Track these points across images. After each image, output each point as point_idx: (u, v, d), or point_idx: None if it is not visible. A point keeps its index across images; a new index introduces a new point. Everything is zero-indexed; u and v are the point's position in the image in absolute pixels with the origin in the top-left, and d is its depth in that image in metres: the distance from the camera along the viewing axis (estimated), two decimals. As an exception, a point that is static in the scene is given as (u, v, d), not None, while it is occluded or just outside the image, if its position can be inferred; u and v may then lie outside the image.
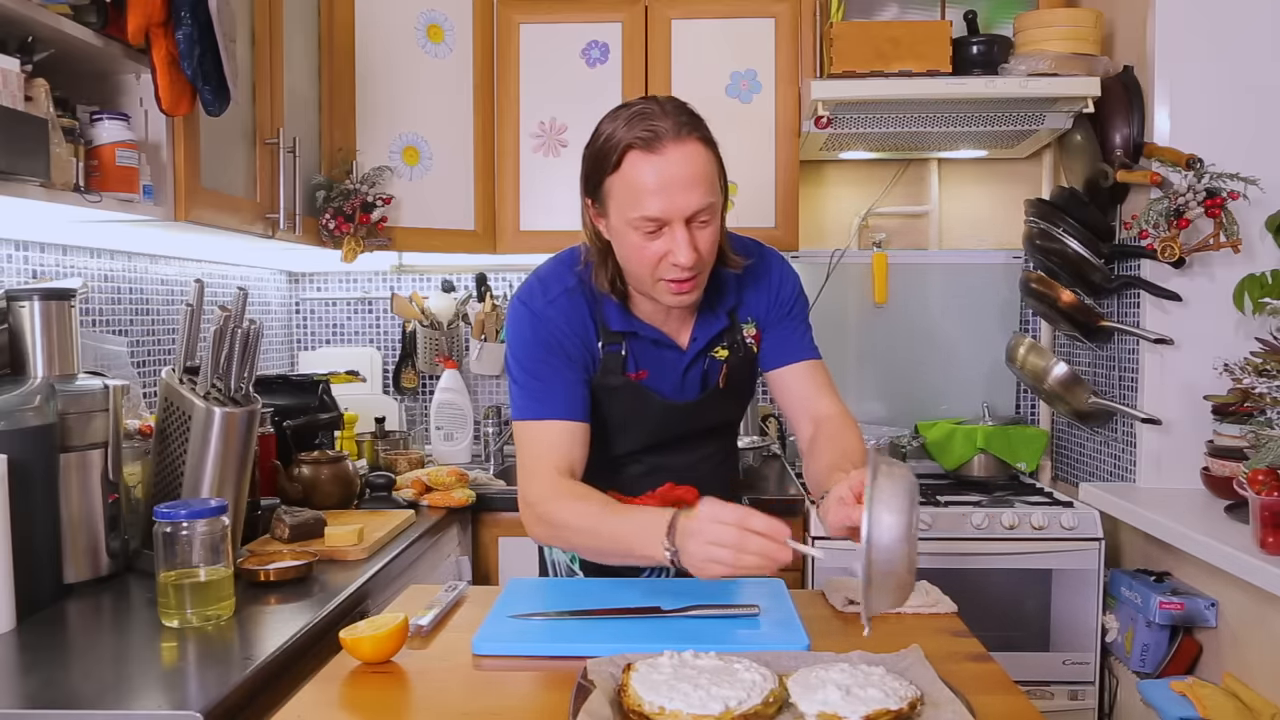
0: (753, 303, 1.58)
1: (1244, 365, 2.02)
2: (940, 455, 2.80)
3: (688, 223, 1.36)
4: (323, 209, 2.41)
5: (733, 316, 1.56)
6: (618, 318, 1.50)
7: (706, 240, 1.38)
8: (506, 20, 2.76)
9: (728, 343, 1.56)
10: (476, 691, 1.14)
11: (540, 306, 1.49)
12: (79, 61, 1.61)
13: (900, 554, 1.08)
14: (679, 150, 1.33)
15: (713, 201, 1.37)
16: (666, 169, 1.33)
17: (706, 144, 1.38)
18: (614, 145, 1.37)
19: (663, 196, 1.33)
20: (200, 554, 1.42)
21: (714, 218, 1.38)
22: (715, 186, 1.38)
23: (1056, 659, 2.38)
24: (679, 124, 1.35)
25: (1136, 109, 2.35)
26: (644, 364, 1.53)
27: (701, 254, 1.38)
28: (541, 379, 1.47)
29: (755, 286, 1.57)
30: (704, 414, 1.58)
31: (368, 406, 2.90)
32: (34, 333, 1.54)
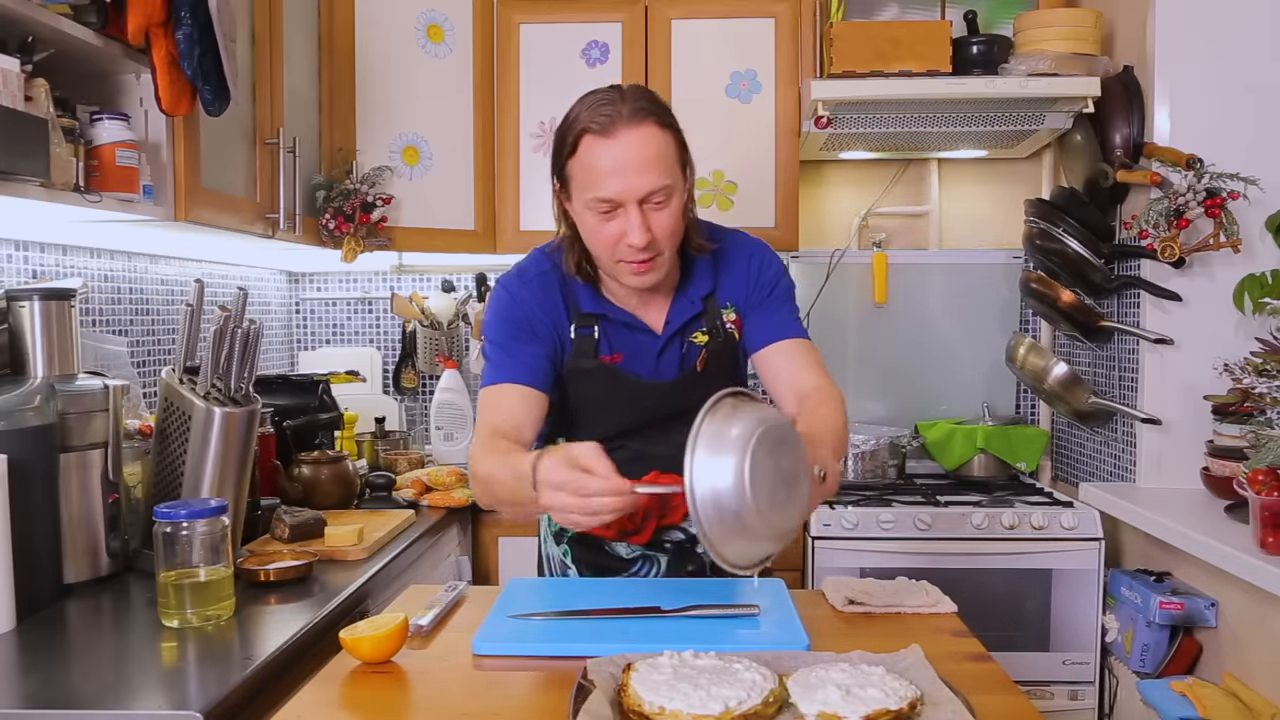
0: (731, 288, 1.58)
1: (1244, 365, 2.02)
2: (940, 455, 2.80)
3: (642, 204, 1.39)
4: (323, 209, 2.41)
5: (709, 302, 1.57)
6: (589, 300, 1.53)
7: (662, 222, 1.41)
8: (506, 20, 2.76)
9: (706, 328, 1.56)
10: (476, 691, 1.14)
11: (515, 288, 1.54)
12: (79, 61, 1.61)
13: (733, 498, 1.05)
14: (633, 134, 1.37)
15: (667, 184, 1.39)
16: (620, 152, 1.37)
17: (664, 128, 1.41)
18: (572, 129, 1.41)
19: (616, 178, 1.37)
20: (200, 554, 1.42)
21: (670, 200, 1.41)
22: (671, 170, 1.40)
23: (1056, 659, 2.38)
24: (636, 109, 1.38)
25: (1136, 109, 2.35)
26: (618, 347, 1.55)
27: (656, 235, 1.40)
28: (508, 352, 1.51)
29: (733, 272, 1.58)
30: (684, 397, 1.54)
31: (368, 406, 2.90)
32: (34, 333, 1.54)
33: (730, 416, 1.10)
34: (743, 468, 1.05)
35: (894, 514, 2.39)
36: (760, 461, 1.07)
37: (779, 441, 1.10)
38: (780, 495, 1.09)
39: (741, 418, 1.09)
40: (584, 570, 1.65)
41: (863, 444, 2.68)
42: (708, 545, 1.09)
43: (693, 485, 1.07)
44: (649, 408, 1.56)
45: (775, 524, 1.09)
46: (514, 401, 1.48)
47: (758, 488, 1.06)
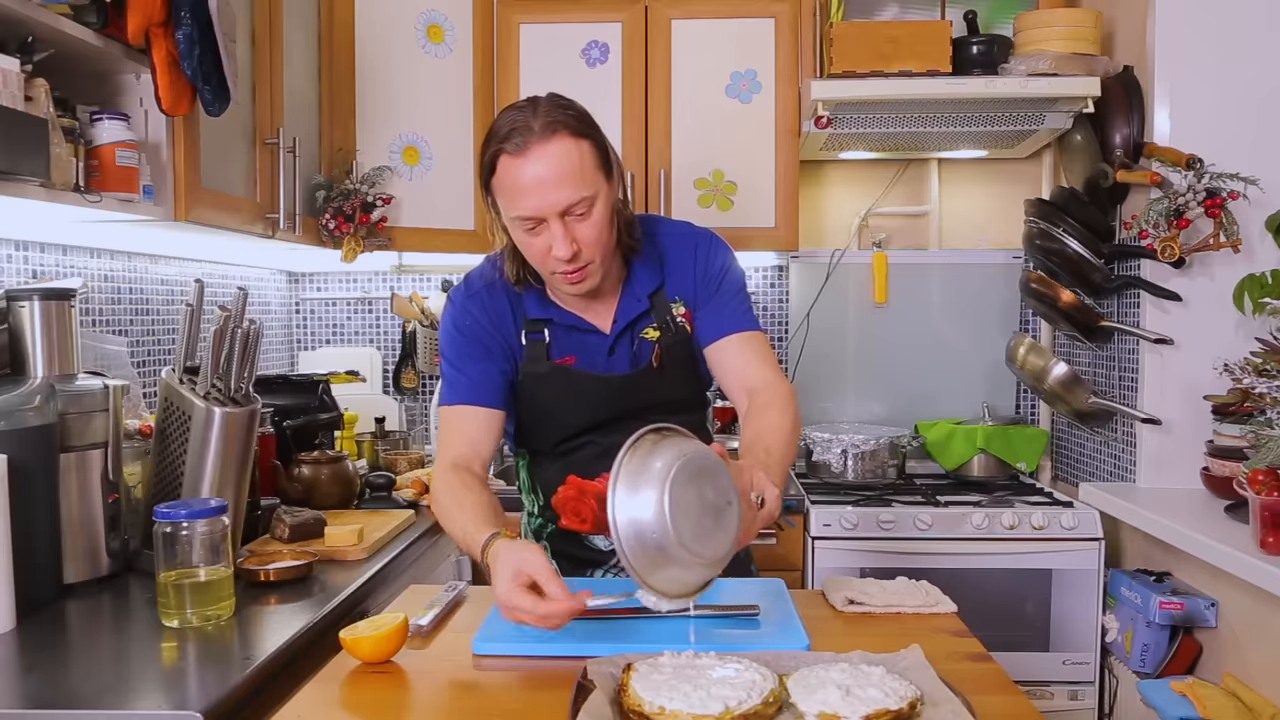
0: (678, 282, 1.59)
1: (1244, 365, 2.02)
2: (940, 455, 2.80)
3: (564, 216, 1.40)
4: (323, 209, 2.41)
5: (656, 298, 1.57)
6: (536, 306, 1.56)
7: (585, 233, 1.42)
8: (506, 20, 2.76)
9: (657, 323, 1.57)
10: (476, 691, 1.14)
11: (461, 300, 1.57)
12: (79, 61, 1.61)
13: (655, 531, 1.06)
14: (546, 148, 1.38)
15: (586, 195, 1.40)
16: (533, 169, 1.38)
17: (579, 137, 1.40)
18: (488, 149, 1.43)
19: (534, 196, 1.38)
20: (200, 554, 1.42)
21: (591, 210, 1.41)
22: (590, 179, 1.41)
23: (1056, 659, 2.38)
24: (546, 123, 1.39)
25: (1136, 109, 2.35)
26: (568, 350, 1.57)
27: (581, 246, 1.42)
28: (458, 368, 1.54)
29: (678, 265, 1.59)
30: (641, 390, 1.57)
31: (368, 406, 2.90)
32: (34, 333, 1.54)
33: (650, 452, 1.11)
34: (662, 500, 1.06)
35: (894, 514, 2.39)
36: (681, 493, 1.08)
37: (700, 471, 1.11)
38: (706, 524, 1.10)
39: (662, 451, 1.11)
40: (564, 565, 1.64)
41: (863, 444, 2.68)
42: (635, 578, 1.09)
43: (615, 520, 1.08)
44: (608, 403, 1.56)
45: (702, 553, 1.10)
46: (470, 423, 1.52)
47: (679, 519, 1.07)
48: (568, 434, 1.60)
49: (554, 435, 1.61)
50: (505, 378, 1.55)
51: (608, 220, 1.45)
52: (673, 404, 1.59)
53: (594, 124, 1.45)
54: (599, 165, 1.43)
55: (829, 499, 2.52)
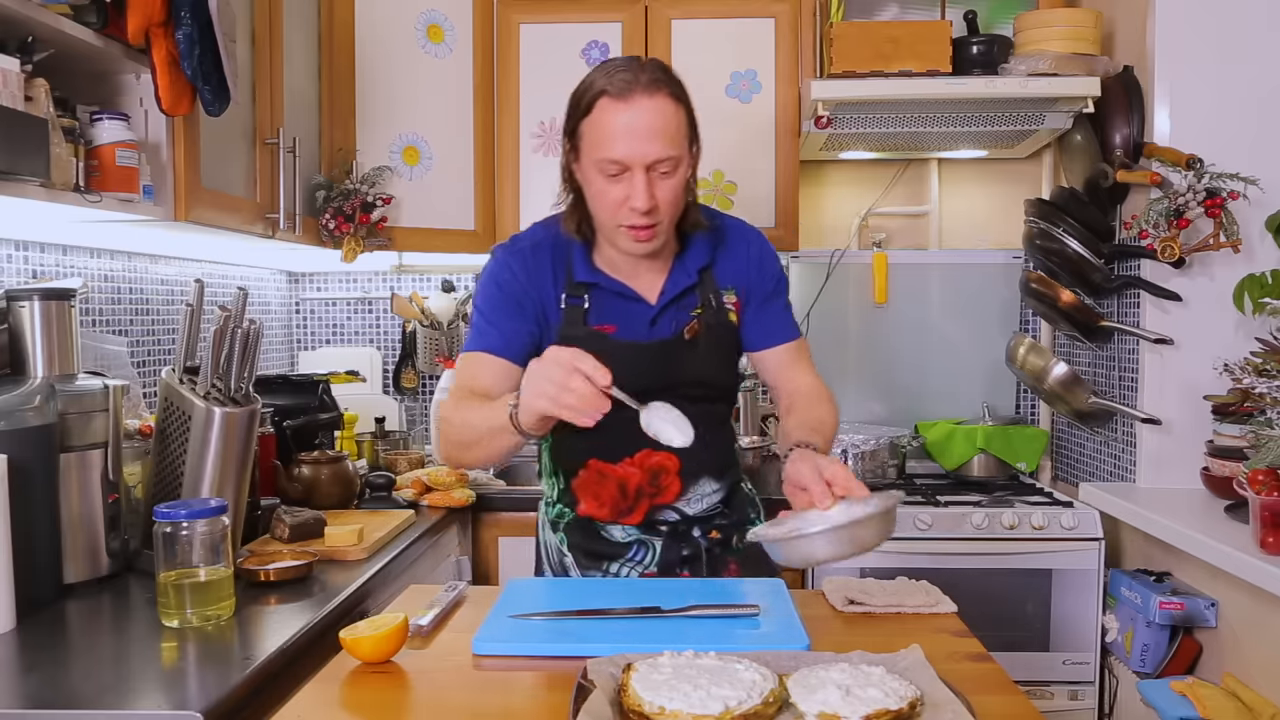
0: (731, 272, 1.63)
1: (1244, 365, 2.02)
2: (940, 455, 2.80)
3: (648, 170, 1.43)
4: (323, 209, 2.41)
5: (705, 275, 1.60)
6: (583, 269, 1.57)
7: (666, 191, 1.45)
8: (506, 20, 2.76)
9: (700, 301, 1.60)
10: (476, 691, 1.14)
11: (503, 256, 1.59)
12: (79, 61, 1.61)
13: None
14: (647, 101, 1.42)
15: (675, 155, 1.44)
16: (633, 116, 1.41)
17: (677, 101, 1.46)
18: (589, 91, 1.45)
19: (626, 141, 1.41)
20: (200, 554, 1.42)
21: (675, 171, 1.45)
22: (679, 142, 1.45)
23: (1056, 659, 2.38)
24: (653, 79, 1.44)
25: (1136, 109, 2.35)
26: (609, 317, 1.57)
27: (659, 202, 1.44)
28: (489, 320, 1.57)
29: (733, 256, 1.63)
30: (672, 361, 1.57)
31: (368, 406, 2.90)
32: (34, 333, 1.54)
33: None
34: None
35: (894, 514, 2.39)
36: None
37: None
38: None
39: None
40: (580, 557, 1.65)
41: (863, 444, 2.68)
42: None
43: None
44: (639, 371, 1.52)
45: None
46: (491, 370, 1.53)
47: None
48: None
49: None
50: (532, 339, 1.56)
51: (684, 187, 1.49)
52: (703, 384, 1.60)
53: (688, 96, 1.50)
54: (687, 134, 1.48)
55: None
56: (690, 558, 1.65)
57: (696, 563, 1.66)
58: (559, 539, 1.68)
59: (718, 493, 1.68)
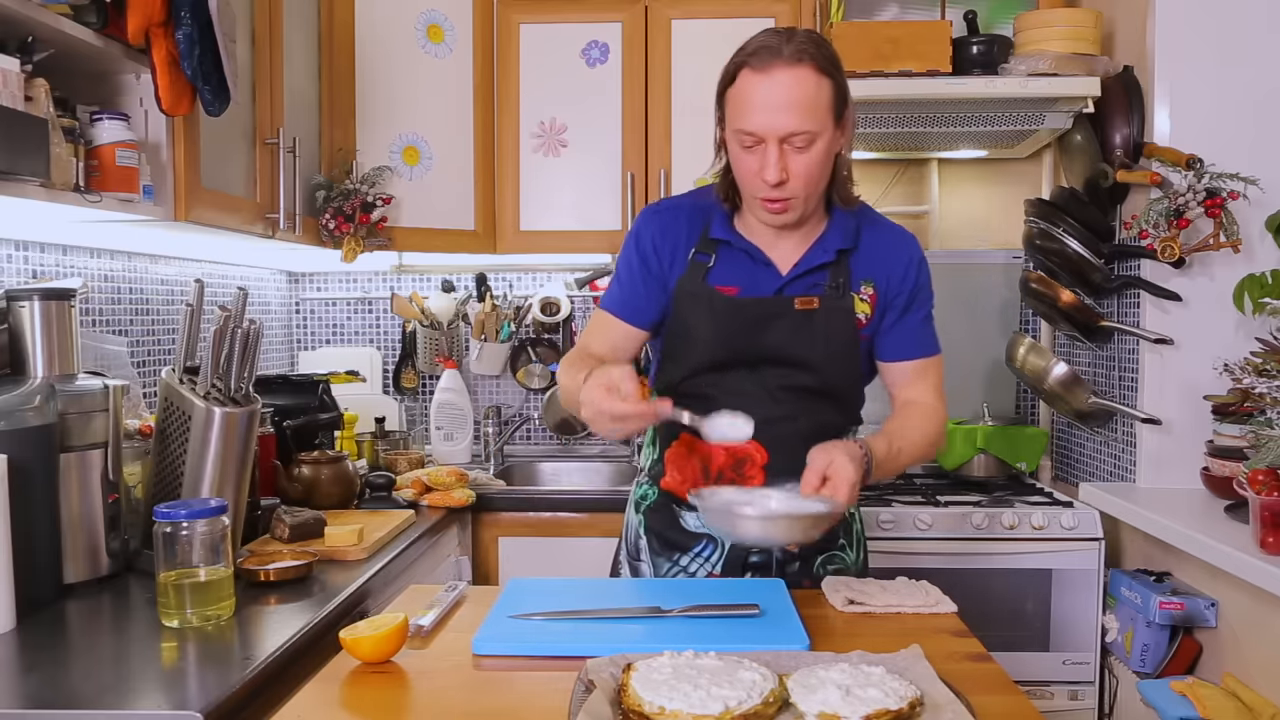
0: (875, 263, 1.58)
1: (1244, 365, 2.02)
2: (940, 455, 2.80)
3: (783, 143, 1.41)
4: (323, 209, 2.41)
5: (842, 258, 1.56)
6: (720, 228, 1.57)
7: (799, 165, 1.43)
8: (506, 20, 2.76)
9: (830, 281, 1.55)
10: (476, 691, 1.14)
11: (648, 215, 1.61)
12: (79, 61, 1.61)
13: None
14: (787, 73, 1.40)
15: (810, 129, 1.41)
16: (770, 88, 1.40)
17: (821, 73, 1.42)
18: (734, 61, 1.46)
19: (762, 113, 1.41)
20: (200, 554, 1.42)
21: (811, 145, 1.42)
22: (819, 116, 1.42)
23: (1056, 659, 2.38)
24: (797, 50, 1.41)
25: (1136, 109, 2.35)
26: (735, 279, 1.56)
27: (791, 176, 1.43)
28: (618, 279, 1.62)
29: (881, 249, 1.59)
30: (778, 332, 1.54)
31: (368, 406, 2.90)
32: (34, 333, 1.54)
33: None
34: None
35: (894, 514, 2.39)
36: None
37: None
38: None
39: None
40: (653, 541, 1.65)
41: (863, 444, 2.68)
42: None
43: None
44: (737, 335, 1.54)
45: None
46: (606, 331, 1.61)
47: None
48: (693, 369, 1.58)
49: (682, 368, 1.60)
50: (657, 302, 1.59)
51: (823, 161, 1.46)
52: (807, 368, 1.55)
53: (840, 69, 1.46)
54: (831, 107, 1.44)
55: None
56: (759, 565, 1.60)
57: (764, 572, 1.60)
58: (639, 520, 1.68)
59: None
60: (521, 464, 3.05)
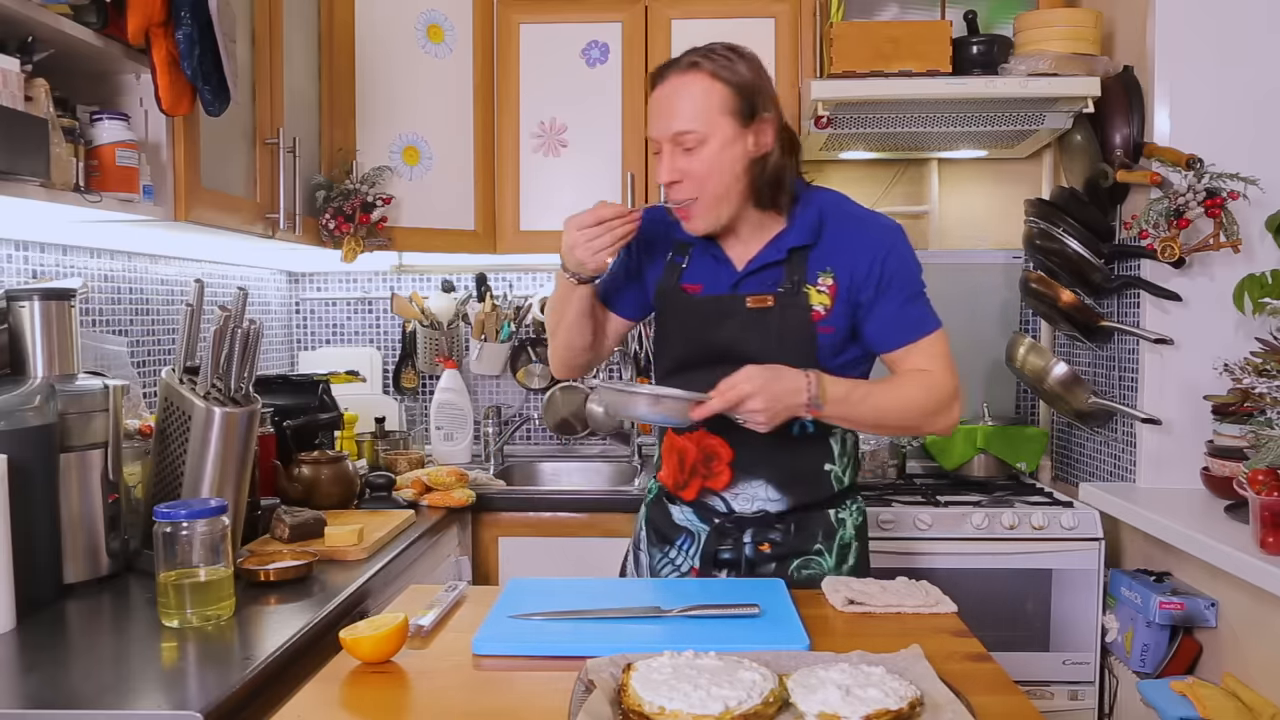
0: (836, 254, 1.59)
1: (1244, 365, 2.02)
2: (940, 455, 2.80)
3: (675, 145, 1.51)
4: (323, 209, 2.41)
5: (795, 255, 1.58)
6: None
7: (688, 165, 1.51)
8: (506, 20, 2.76)
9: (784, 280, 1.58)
10: (476, 691, 1.14)
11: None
12: (79, 61, 1.61)
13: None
14: (676, 79, 1.51)
15: (695, 130, 1.49)
16: (661, 95, 1.52)
17: (715, 78, 1.50)
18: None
19: (654, 120, 1.54)
20: (200, 554, 1.42)
21: (702, 145, 1.49)
22: (707, 118, 1.49)
23: (1056, 659, 2.38)
24: (690, 60, 1.51)
25: (1136, 109, 2.35)
26: (699, 277, 1.64)
27: (684, 177, 1.51)
28: (611, 272, 1.72)
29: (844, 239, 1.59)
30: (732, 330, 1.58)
31: (368, 406, 2.90)
32: (34, 333, 1.54)
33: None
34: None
35: (894, 514, 2.39)
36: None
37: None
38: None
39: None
40: (651, 533, 1.74)
41: (863, 444, 2.68)
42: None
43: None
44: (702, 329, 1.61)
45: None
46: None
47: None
48: (668, 367, 1.68)
49: (662, 367, 1.71)
50: (632, 295, 1.71)
51: (716, 163, 1.51)
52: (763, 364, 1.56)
53: (749, 76, 1.51)
54: (726, 111, 1.50)
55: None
56: (731, 561, 1.63)
57: (735, 569, 1.62)
58: (643, 512, 1.78)
59: (776, 503, 1.62)
60: (521, 464, 3.05)
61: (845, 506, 1.68)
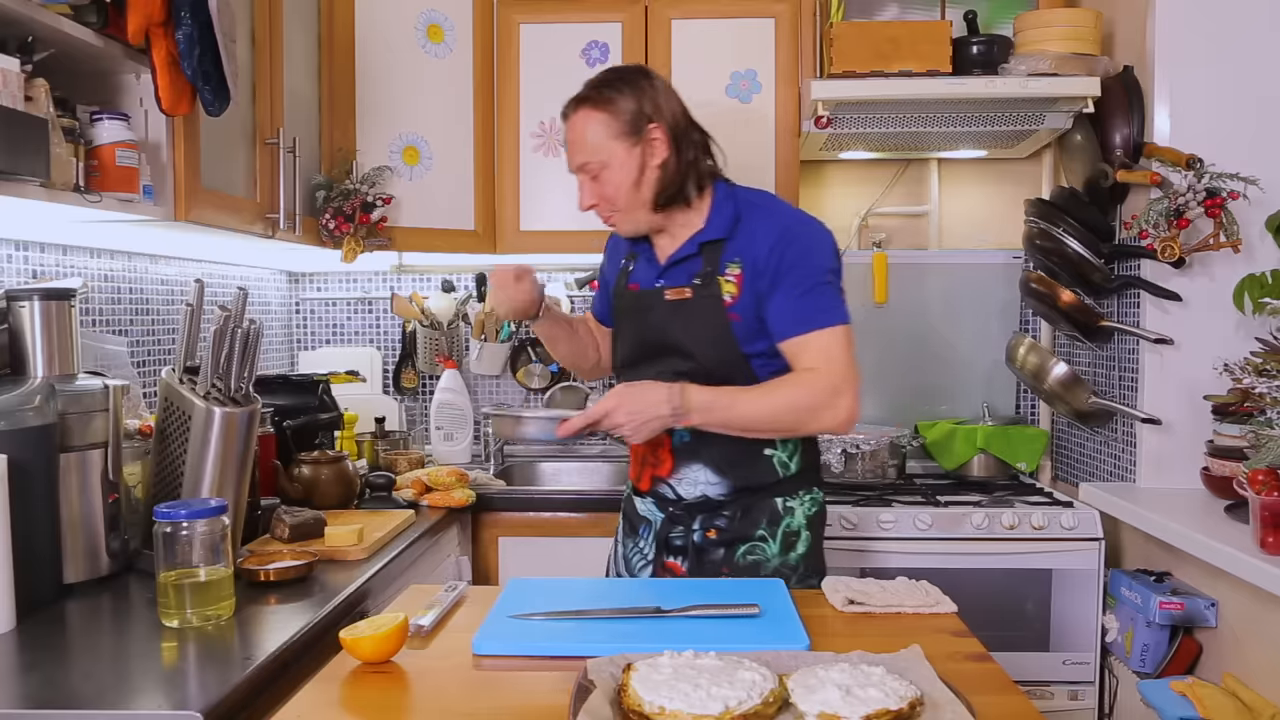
0: (743, 246, 1.68)
1: (1244, 365, 2.02)
2: (940, 455, 2.80)
3: (583, 174, 1.70)
4: (323, 209, 2.41)
5: (706, 249, 1.70)
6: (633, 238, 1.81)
7: (599, 189, 1.70)
8: (506, 20, 2.76)
9: (702, 273, 1.69)
10: (476, 691, 1.14)
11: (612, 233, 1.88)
12: (79, 61, 1.61)
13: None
14: (572, 117, 1.71)
15: (595, 159, 1.67)
16: (566, 133, 1.73)
17: (596, 109, 1.68)
18: None
19: (567, 155, 1.74)
20: (200, 554, 1.42)
21: (604, 170, 1.67)
22: (599, 147, 1.67)
23: (1056, 659, 2.38)
24: (575, 99, 1.71)
25: (1136, 109, 2.35)
26: (639, 276, 1.80)
27: (599, 199, 1.70)
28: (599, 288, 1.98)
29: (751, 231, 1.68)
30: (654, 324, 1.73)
31: (368, 406, 2.90)
32: (34, 333, 1.54)
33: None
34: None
35: (894, 514, 2.39)
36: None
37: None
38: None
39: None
40: (624, 523, 1.87)
41: (863, 444, 2.68)
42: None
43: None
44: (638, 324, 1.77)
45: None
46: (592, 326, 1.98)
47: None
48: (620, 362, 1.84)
49: (617, 362, 1.86)
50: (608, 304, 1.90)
51: (620, 182, 1.67)
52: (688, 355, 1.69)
53: (622, 97, 1.67)
54: (614, 135, 1.66)
55: (829, 499, 2.51)
56: (681, 548, 1.72)
57: (683, 555, 1.72)
58: (621, 507, 1.90)
59: (716, 487, 1.71)
60: (521, 464, 3.05)
61: (796, 495, 1.73)
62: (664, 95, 1.69)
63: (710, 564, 1.71)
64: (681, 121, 1.69)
